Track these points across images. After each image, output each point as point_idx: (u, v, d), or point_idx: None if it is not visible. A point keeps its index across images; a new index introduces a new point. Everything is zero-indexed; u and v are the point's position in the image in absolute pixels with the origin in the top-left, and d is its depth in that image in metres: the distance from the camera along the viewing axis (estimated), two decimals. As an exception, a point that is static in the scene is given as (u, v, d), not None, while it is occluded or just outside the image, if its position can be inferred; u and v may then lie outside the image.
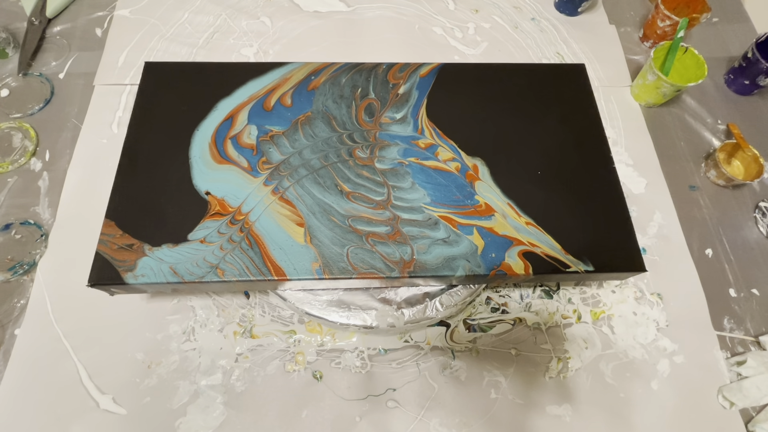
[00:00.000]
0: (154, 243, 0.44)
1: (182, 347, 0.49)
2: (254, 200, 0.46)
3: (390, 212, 0.47)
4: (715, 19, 0.77)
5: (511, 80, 0.56)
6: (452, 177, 0.49)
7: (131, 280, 0.43)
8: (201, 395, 0.47)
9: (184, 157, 0.49)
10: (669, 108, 0.68)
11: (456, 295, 0.48)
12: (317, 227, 0.45)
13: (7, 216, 0.55)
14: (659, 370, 0.51)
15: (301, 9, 0.73)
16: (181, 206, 0.46)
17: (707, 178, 0.63)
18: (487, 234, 0.46)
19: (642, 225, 0.58)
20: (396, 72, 0.55)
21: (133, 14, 0.70)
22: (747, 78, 0.67)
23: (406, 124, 0.52)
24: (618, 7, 0.77)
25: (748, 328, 0.54)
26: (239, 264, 0.43)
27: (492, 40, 0.72)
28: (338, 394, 0.48)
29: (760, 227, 0.59)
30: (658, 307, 0.54)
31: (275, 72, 0.54)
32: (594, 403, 0.49)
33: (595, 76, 0.70)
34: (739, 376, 0.51)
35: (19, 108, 0.61)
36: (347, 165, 0.49)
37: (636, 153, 0.64)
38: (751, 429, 0.48)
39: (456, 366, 0.50)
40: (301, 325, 0.51)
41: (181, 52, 0.67)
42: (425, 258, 0.45)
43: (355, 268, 0.44)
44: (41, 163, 0.58)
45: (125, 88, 0.64)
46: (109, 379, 0.48)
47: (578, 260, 0.46)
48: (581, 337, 0.52)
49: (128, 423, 0.46)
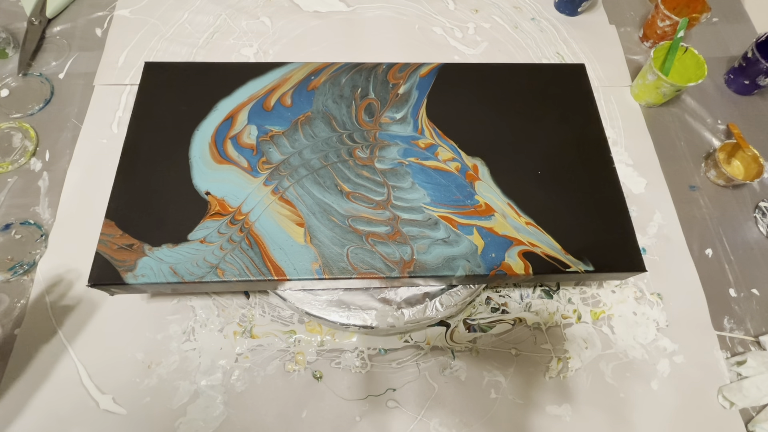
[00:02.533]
0: (154, 243, 0.44)
1: (182, 347, 0.49)
2: (254, 200, 0.46)
3: (390, 212, 0.47)
4: (715, 19, 0.77)
5: (512, 80, 0.56)
6: (452, 177, 0.49)
7: (131, 280, 0.43)
8: (201, 395, 0.47)
9: (184, 157, 0.49)
10: (669, 108, 0.68)
11: (456, 295, 0.48)
12: (317, 227, 0.45)
13: (7, 216, 0.55)
14: (659, 370, 0.51)
15: (301, 9, 0.73)
16: (181, 206, 0.46)
17: (707, 178, 0.63)
18: (487, 234, 0.46)
19: (642, 225, 0.58)
20: (396, 72, 0.55)
21: (133, 14, 0.70)
22: (747, 78, 0.67)
23: (406, 124, 0.52)
24: (618, 7, 0.77)
25: (748, 328, 0.54)
26: (239, 264, 0.43)
27: (492, 40, 0.72)
28: (338, 394, 0.48)
29: (760, 227, 0.59)
30: (658, 307, 0.54)
31: (275, 72, 0.54)
32: (594, 403, 0.49)
33: (595, 76, 0.70)
34: (739, 376, 0.51)
35: (19, 108, 0.61)
36: (347, 165, 0.49)
37: (636, 153, 0.64)
38: (751, 429, 0.48)
39: (456, 366, 0.50)
40: (301, 325, 0.51)
41: (181, 52, 0.67)
42: (425, 258, 0.45)
43: (355, 268, 0.44)
44: (41, 163, 0.58)
45: (125, 88, 0.64)
46: (109, 379, 0.48)
47: (578, 260, 0.46)
48: (581, 337, 0.52)
49: (128, 423, 0.46)
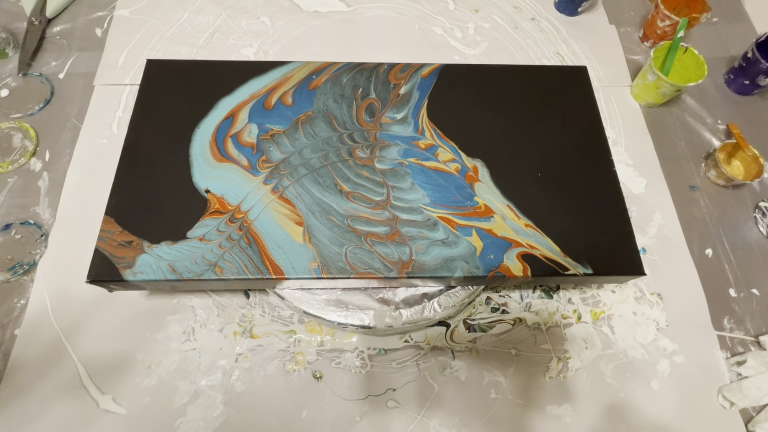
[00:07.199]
0: (154, 240, 0.44)
1: (182, 347, 0.49)
2: (254, 199, 0.46)
3: (389, 212, 0.47)
4: (715, 19, 0.77)
5: (513, 82, 0.56)
6: (452, 178, 0.49)
7: (130, 277, 0.43)
8: (201, 395, 0.47)
9: (184, 155, 0.49)
10: (669, 108, 0.68)
11: (454, 296, 0.48)
12: (316, 226, 0.45)
13: (7, 216, 0.55)
14: (659, 370, 0.51)
15: (301, 9, 0.73)
16: (180, 204, 0.46)
17: (707, 178, 0.63)
18: (486, 235, 0.46)
19: (642, 225, 0.58)
20: (397, 72, 0.55)
21: (133, 14, 0.70)
22: (747, 78, 0.67)
23: (406, 124, 0.52)
24: (618, 7, 0.77)
25: (748, 328, 0.54)
26: (238, 262, 0.43)
27: (492, 40, 0.72)
28: (338, 394, 0.48)
29: (760, 227, 0.59)
30: (658, 307, 0.54)
31: (276, 71, 0.55)
32: (594, 403, 0.49)
33: (595, 76, 0.69)
34: (739, 376, 0.51)
35: (19, 108, 0.61)
36: (347, 165, 0.49)
37: (636, 153, 0.63)
38: (751, 429, 0.48)
39: (456, 366, 0.50)
40: (301, 325, 0.51)
41: (180, 52, 0.67)
42: (424, 259, 0.45)
43: (353, 267, 0.44)
44: (41, 163, 0.58)
45: (125, 88, 0.64)
46: (109, 379, 0.48)
47: (577, 263, 0.46)
48: (581, 337, 0.52)
49: (128, 423, 0.46)
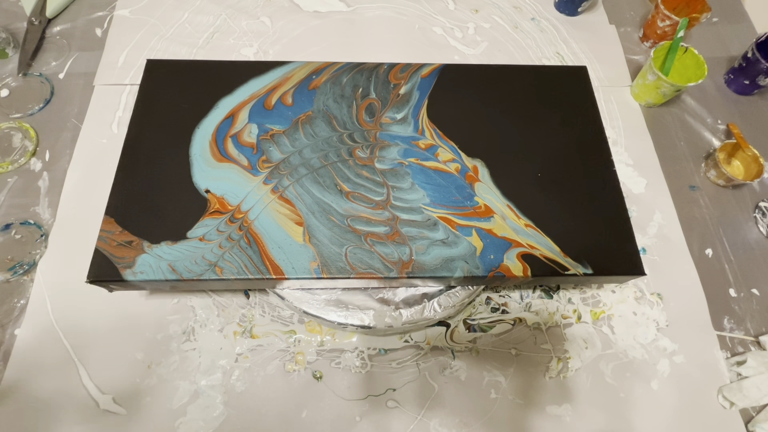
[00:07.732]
0: (154, 240, 0.44)
1: (182, 347, 0.49)
2: (254, 199, 0.46)
3: (389, 212, 0.47)
4: (715, 19, 0.77)
5: (513, 82, 0.56)
6: (452, 178, 0.49)
7: (130, 276, 0.43)
8: (201, 395, 0.47)
9: (184, 155, 0.49)
10: (669, 108, 0.68)
11: (454, 296, 0.48)
12: (316, 226, 0.45)
13: (7, 216, 0.55)
14: (659, 370, 0.51)
15: (301, 9, 0.73)
16: (180, 204, 0.46)
17: (707, 178, 0.63)
18: (486, 235, 0.46)
19: (642, 225, 0.58)
20: (397, 72, 0.55)
21: (133, 14, 0.70)
22: (747, 78, 0.67)
23: (406, 124, 0.52)
24: (618, 7, 0.77)
25: (748, 328, 0.54)
26: (238, 262, 0.43)
27: (492, 40, 0.72)
28: (338, 394, 0.48)
29: (760, 227, 0.59)
30: (658, 307, 0.54)
31: (276, 71, 0.55)
32: (594, 403, 0.49)
33: (595, 76, 0.69)
34: (739, 376, 0.51)
35: (19, 108, 0.61)
36: (347, 165, 0.49)
37: (636, 153, 0.63)
38: (751, 429, 0.48)
39: (456, 366, 0.50)
40: (301, 325, 0.51)
41: (180, 52, 0.67)
42: (424, 259, 0.45)
43: (353, 267, 0.44)
44: (41, 163, 0.58)
45: (125, 88, 0.64)
46: (109, 379, 0.48)
47: (577, 263, 0.46)
48: (581, 337, 0.52)
49: (128, 423, 0.46)
